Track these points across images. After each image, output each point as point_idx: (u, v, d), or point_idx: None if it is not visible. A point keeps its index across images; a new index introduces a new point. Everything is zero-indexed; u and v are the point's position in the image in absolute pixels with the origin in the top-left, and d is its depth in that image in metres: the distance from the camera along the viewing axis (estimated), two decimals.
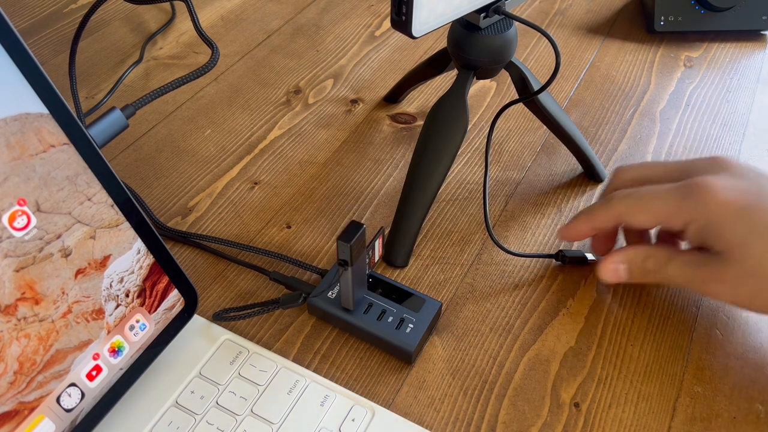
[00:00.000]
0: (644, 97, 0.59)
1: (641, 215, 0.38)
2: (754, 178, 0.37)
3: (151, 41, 0.64)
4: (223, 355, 0.38)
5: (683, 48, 0.64)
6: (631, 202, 0.38)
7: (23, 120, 0.29)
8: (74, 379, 0.32)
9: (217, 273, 0.44)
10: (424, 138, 0.44)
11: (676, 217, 0.37)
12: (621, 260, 0.39)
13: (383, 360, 0.39)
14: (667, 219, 0.37)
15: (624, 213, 0.39)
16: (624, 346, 0.40)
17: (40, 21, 0.67)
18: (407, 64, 0.62)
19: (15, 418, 0.30)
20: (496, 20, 0.42)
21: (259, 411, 0.36)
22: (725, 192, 0.35)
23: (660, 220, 0.38)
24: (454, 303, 0.42)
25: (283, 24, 0.68)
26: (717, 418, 0.37)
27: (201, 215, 0.48)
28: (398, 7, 0.35)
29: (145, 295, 0.35)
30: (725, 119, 0.57)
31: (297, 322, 0.41)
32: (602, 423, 0.36)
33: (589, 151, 0.49)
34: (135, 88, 0.59)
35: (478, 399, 0.37)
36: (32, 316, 0.30)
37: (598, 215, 0.40)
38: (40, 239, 0.30)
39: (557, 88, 0.60)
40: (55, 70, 0.60)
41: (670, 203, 0.37)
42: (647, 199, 0.38)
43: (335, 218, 0.48)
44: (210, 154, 0.53)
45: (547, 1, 0.71)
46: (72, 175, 0.31)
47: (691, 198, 0.36)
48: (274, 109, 0.57)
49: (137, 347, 0.35)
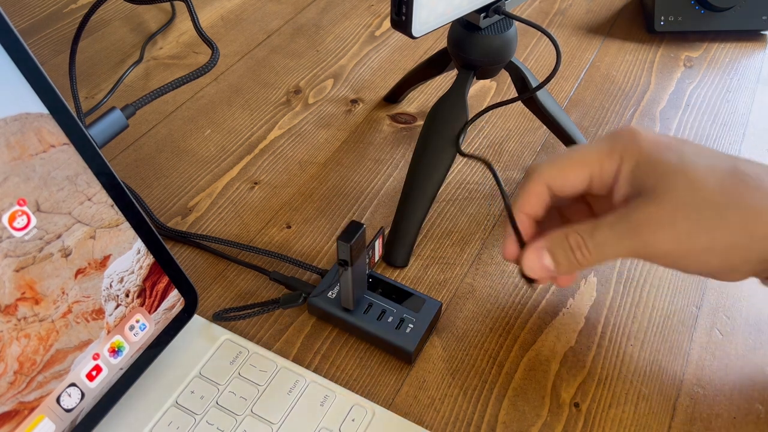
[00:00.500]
0: (644, 97, 0.59)
1: (572, 170, 0.35)
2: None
3: (151, 41, 0.64)
4: (223, 355, 0.38)
5: (683, 48, 0.64)
6: (559, 160, 0.35)
7: (23, 120, 0.29)
8: (74, 379, 0.32)
9: (217, 273, 0.44)
10: (424, 138, 0.44)
11: (609, 160, 0.34)
12: (543, 245, 0.35)
13: (383, 360, 0.39)
14: (599, 167, 0.34)
15: (554, 175, 0.35)
16: (624, 346, 0.40)
17: (40, 21, 0.67)
18: (407, 64, 0.62)
19: (15, 418, 0.30)
20: (496, 20, 0.42)
21: (259, 411, 0.36)
22: (652, 134, 0.34)
23: (592, 171, 0.34)
24: (454, 303, 0.42)
25: (283, 24, 0.68)
26: (717, 418, 0.37)
27: (201, 215, 0.48)
28: (398, 7, 0.35)
29: (145, 295, 0.35)
30: (725, 119, 0.57)
31: (297, 322, 0.41)
32: (602, 423, 0.36)
33: None
34: (135, 88, 0.59)
35: (478, 399, 0.37)
36: (32, 316, 0.30)
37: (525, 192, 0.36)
38: (40, 239, 0.30)
39: (557, 88, 0.60)
40: (55, 70, 0.60)
41: (602, 148, 0.34)
42: (577, 151, 0.35)
43: (335, 218, 0.48)
44: (210, 154, 0.53)
45: (547, 1, 0.71)
46: (72, 175, 0.31)
47: (621, 139, 0.34)
48: (274, 109, 0.57)
49: (137, 347, 0.35)
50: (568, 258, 0.34)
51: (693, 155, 0.33)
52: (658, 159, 0.33)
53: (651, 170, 0.33)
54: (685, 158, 0.32)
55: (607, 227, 0.33)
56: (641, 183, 0.33)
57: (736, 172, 0.32)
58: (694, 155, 0.33)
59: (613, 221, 0.33)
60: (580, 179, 0.35)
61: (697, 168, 0.32)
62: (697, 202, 0.32)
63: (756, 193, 0.31)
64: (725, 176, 0.32)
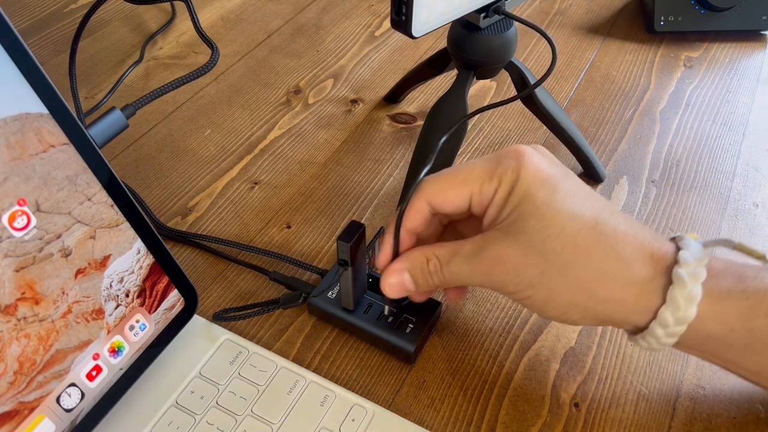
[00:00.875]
0: (644, 97, 0.59)
1: (452, 189, 0.34)
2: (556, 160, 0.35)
3: (151, 41, 0.64)
4: (223, 355, 0.38)
5: (683, 48, 0.64)
6: (442, 177, 0.34)
7: (23, 120, 0.29)
8: (74, 379, 0.32)
9: (217, 273, 0.44)
10: (424, 138, 0.44)
11: (488, 182, 0.33)
12: (403, 267, 0.35)
13: (383, 360, 0.39)
14: (479, 188, 0.33)
15: (434, 193, 0.34)
16: (624, 346, 0.40)
17: (40, 21, 0.67)
18: (407, 64, 0.62)
19: (15, 418, 0.30)
20: (496, 20, 0.42)
21: (259, 411, 0.36)
22: (538, 158, 0.33)
23: (472, 191, 0.33)
24: (454, 303, 0.42)
25: (283, 24, 0.68)
26: (717, 418, 0.37)
27: (201, 215, 0.48)
28: (398, 7, 0.35)
29: (145, 295, 0.35)
30: (725, 119, 0.57)
31: (297, 322, 0.41)
32: (602, 423, 0.36)
33: (588, 151, 0.49)
34: (135, 88, 0.59)
35: (478, 399, 0.37)
36: (32, 316, 0.30)
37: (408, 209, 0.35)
38: (40, 239, 0.30)
39: (557, 88, 0.60)
40: (55, 70, 0.60)
41: (485, 169, 0.33)
42: (461, 169, 0.34)
43: (335, 218, 0.48)
44: (210, 154, 0.53)
45: (547, 1, 0.71)
46: (72, 175, 0.31)
47: (505, 161, 0.33)
48: (274, 109, 0.57)
49: (137, 347, 0.35)
50: (426, 281, 0.35)
51: (562, 200, 0.32)
52: (528, 194, 0.32)
53: (518, 204, 0.32)
54: (553, 202, 0.31)
55: (462, 259, 0.33)
56: (507, 214, 0.33)
57: (596, 227, 0.31)
58: (563, 200, 0.32)
59: (468, 253, 0.33)
60: (461, 199, 0.34)
61: (559, 215, 0.31)
62: (546, 253, 0.31)
63: (605, 255, 0.31)
64: (582, 230, 0.31)
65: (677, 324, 0.31)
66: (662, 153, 0.53)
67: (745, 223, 0.48)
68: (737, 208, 0.49)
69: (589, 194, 0.33)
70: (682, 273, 0.30)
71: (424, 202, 0.34)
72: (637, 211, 0.48)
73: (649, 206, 0.49)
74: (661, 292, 0.31)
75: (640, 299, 0.31)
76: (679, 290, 0.30)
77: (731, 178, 0.51)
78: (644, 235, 0.32)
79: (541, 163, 0.33)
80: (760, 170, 0.52)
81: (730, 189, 0.50)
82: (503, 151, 0.34)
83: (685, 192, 0.50)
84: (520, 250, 0.32)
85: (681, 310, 0.30)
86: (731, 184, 0.51)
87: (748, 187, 0.50)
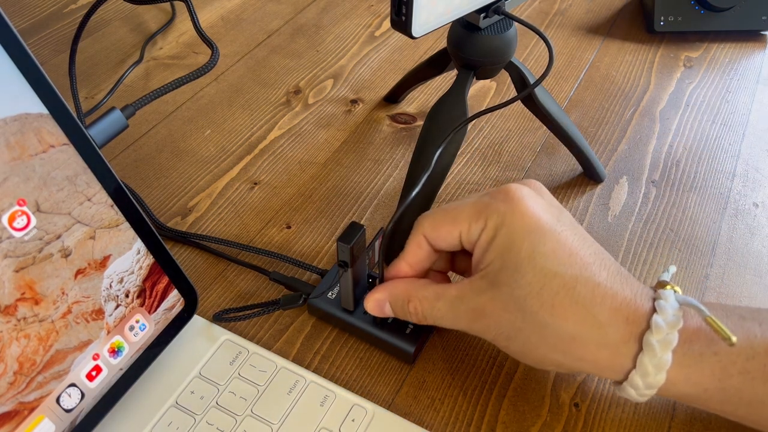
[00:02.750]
0: (644, 97, 0.59)
1: (444, 227, 0.35)
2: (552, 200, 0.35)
3: (151, 41, 0.64)
4: (223, 356, 0.38)
5: (683, 48, 0.64)
6: (437, 215, 0.35)
7: (23, 120, 0.29)
8: (74, 380, 0.32)
9: (217, 273, 0.44)
10: (424, 138, 0.44)
11: (476, 223, 0.34)
12: (384, 298, 0.36)
13: (383, 360, 0.39)
14: (467, 227, 0.34)
15: (430, 227, 0.35)
16: None
17: (40, 21, 0.67)
18: (407, 64, 0.62)
19: (15, 418, 0.30)
20: (495, 20, 0.42)
21: (258, 411, 0.36)
22: (530, 201, 0.33)
23: (461, 229, 0.34)
24: None
25: (283, 24, 0.68)
26: (717, 418, 0.37)
27: (201, 215, 0.48)
28: (398, 8, 0.35)
29: (145, 296, 0.35)
30: (725, 119, 0.57)
31: (297, 323, 0.41)
32: (602, 423, 0.36)
33: (588, 152, 0.49)
34: (135, 88, 0.59)
35: (478, 399, 0.37)
36: (32, 317, 0.30)
37: (408, 243, 0.36)
38: (40, 239, 0.30)
39: (557, 89, 0.60)
40: (55, 70, 0.60)
41: (474, 208, 0.34)
42: (453, 207, 0.35)
43: (335, 218, 0.48)
44: (210, 155, 0.53)
45: (547, 1, 0.71)
46: (72, 176, 0.31)
47: (493, 202, 0.33)
48: (274, 109, 0.57)
49: (137, 347, 0.35)
50: (405, 316, 0.36)
51: (545, 256, 0.32)
52: (511, 244, 0.32)
53: (502, 252, 0.32)
54: (536, 256, 0.32)
55: (446, 304, 0.34)
56: (491, 259, 0.33)
57: (575, 288, 0.31)
58: (545, 256, 0.32)
59: (453, 300, 0.34)
60: (452, 236, 0.35)
61: (541, 272, 0.31)
62: (525, 310, 0.32)
63: (581, 318, 0.31)
64: (561, 291, 0.31)
65: (647, 388, 0.32)
66: (662, 153, 0.53)
67: (745, 223, 0.48)
68: (737, 208, 0.49)
69: (575, 247, 0.32)
70: (653, 341, 0.30)
71: (422, 237, 0.36)
72: (637, 211, 0.48)
73: (649, 206, 0.49)
74: (633, 358, 0.31)
75: (613, 360, 0.32)
76: (649, 358, 0.31)
77: (731, 178, 0.51)
78: (624, 295, 0.32)
79: (533, 208, 0.33)
80: (760, 170, 0.52)
81: (730, 189, 0.50)
82: (496, 190, 0.34)
83: (685, 192, 0.50)
84: (501, 303, 0.32)
85: (650, 376, 0.31)
86: (731, 184, 0.51)
87: (748, 187, 0.50)
